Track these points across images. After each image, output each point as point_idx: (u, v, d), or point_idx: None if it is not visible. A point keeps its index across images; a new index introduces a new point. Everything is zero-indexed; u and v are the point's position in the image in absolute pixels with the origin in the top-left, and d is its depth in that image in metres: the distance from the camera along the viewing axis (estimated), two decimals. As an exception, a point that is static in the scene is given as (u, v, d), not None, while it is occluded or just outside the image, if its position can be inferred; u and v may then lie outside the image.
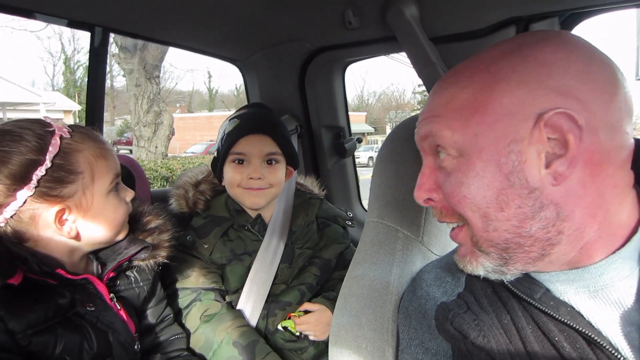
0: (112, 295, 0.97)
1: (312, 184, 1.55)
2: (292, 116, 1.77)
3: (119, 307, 0.97)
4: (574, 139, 0.53)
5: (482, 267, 0.62)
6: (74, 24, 1.27)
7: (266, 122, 1.33)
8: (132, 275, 1.04)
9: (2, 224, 0.83)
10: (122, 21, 1.36)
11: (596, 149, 0.55)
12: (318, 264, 1.36)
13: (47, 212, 0.85)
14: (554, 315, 0.59)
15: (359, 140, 1.91)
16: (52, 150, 0.84)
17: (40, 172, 0.82)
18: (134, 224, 1.03)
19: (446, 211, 0.64)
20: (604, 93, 0.55)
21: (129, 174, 1.28)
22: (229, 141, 1.27)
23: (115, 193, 0.95)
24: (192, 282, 1.24)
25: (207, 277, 1.25)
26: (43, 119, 0.90)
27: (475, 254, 0.62)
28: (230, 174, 1.30)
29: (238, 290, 1.29)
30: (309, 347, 1.28)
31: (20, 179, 0.81)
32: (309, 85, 1.74)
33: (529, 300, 0.61)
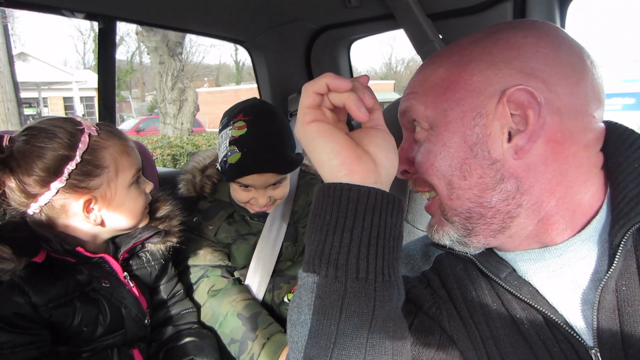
0: (125, 273, 1.06)
1: None
2: (300, 94, 1.80)
3: (131, 285, 1.06)
4: (533, 114, 0.56)
5: (447, 236, 0.65)
6: (81, 15, 1.33)
7: (270, 161, 1.21)
8: (145, 256, 1.14)
9: (37, 211, 0.92)
10: (127, 9, 1.40)
11: (558, 128, 0.57)
12: None
13: (76, 202, 0.94)
14: (517, 294, 0.63)
15: (367, 117, 1.92)
16: (82, 147, 0.92)
17: (70, 166, 0.91)
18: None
19: (419, 181, 0.68)
20: (569, 77, 0.57)
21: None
22: (231, 173, 1.22)
23: (136, 185, 1.03)
24: (200, 259, 1.32)
25: (214, 255, 1.33)
26: (73, 117, 0.98)
27: (442, 223, 0.66)
28: (236, 193, 1.30)
29: (245, 267, 1.37)
30: None
31: (54, 172, 0.90)
32: (315, 64, 1.76)
33: (495, 279, 0.65)
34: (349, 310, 0.48)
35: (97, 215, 0.97)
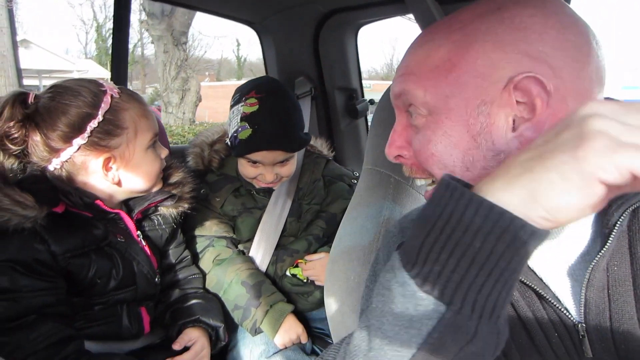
0: (138, 232, 1.10)
1: (321, 145, 1.61)
2: (307, 78, 1.83)
3: (144, 243, 1.10)
4: (541, 103, 0.53)
5: None
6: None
7: (280, 139, 1.26)
8: (157, 219, 1.18)
9: (58, 167, 0.96)
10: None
11: (563, 115, 0.54)
12: (324, 218, 1.46)
13: (95, 160, 0.98)
14: None
15: (372, 102, 1.96)
16: (104, 106, 0.96)
17: (93, 124, 0.95)
18: None
19: (416, 168, 0.65)
20: (576, 61, 0.55)
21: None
22: (241, 148, 1.27)
23: (153, 149, 1.07)
24: (206, 230, 1.36)
25: (220, 226, 1.37)
26: (97, 79, 1.02)
27: None
28: (244, 169, 1.35)
29: (249, 240, 1.41)
30: (314, 291, 1.40)
31: (77, 129, 0.94)
32: (323, 48, 1.79)
33: None
34: (468, 351, 0.43)
35: (115, 175, 1.01)
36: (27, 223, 0.85)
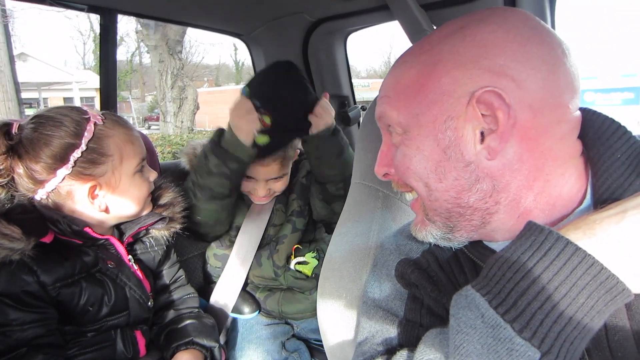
0: (130, 257, 1.10)
1: None
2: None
3: (136, 268, 1.10)
4: (502, 115, 0.56)
5: (430, 235, 0.67)
6: (82, 7, 1.35)
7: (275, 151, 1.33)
8: (148, 241, 1.17)
9: (44, 197, 0.96)
10: (128, 2, 1.43)
11: (531, 125, 0.57)
12: (297, 190, 1.49)
13: (81, 188, 0.97)
14: None
15: (364, 108, 1.95)
16: (87, 135, 0.95)
17: (76, 154, 0.94)
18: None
19: (401, 182, 0.69)
20: (540, 71, 0.56)
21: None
22: None
23: (140, 174, 1.06)
24: None
25: None
26: (80, 107, 1.01)
27: (424, 222, 0.68)
28: None
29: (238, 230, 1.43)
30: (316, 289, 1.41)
31: (60, 159, 0.93)
32: (312, 57, 1.79)
33: (480, 264, 0.67)
34: None
35: (102, 202, 1.00)
36: (15, 255, 0.85)
